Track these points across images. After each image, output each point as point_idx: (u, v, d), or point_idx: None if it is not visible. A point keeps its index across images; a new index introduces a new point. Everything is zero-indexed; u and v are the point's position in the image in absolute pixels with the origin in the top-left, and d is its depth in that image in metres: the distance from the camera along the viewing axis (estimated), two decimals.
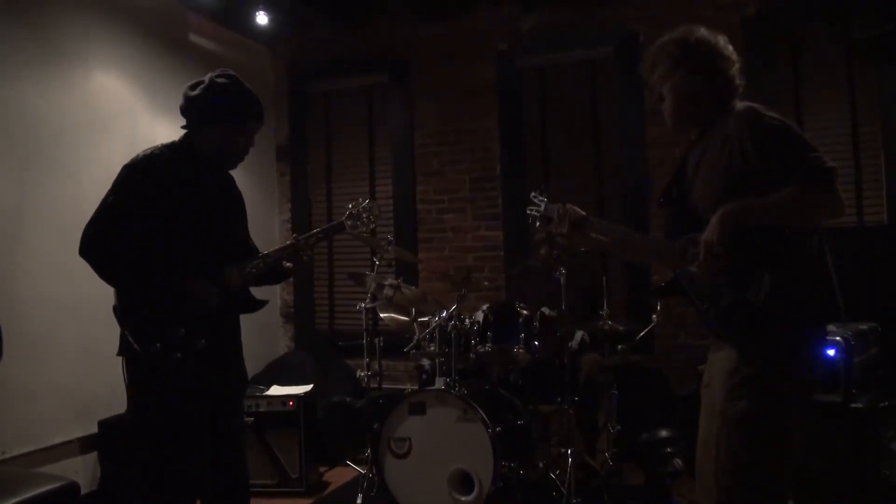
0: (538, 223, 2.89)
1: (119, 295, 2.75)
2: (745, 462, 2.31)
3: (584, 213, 2.76)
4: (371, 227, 3.08)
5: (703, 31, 2.46)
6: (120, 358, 2.76)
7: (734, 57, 2.46)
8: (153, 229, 2.70)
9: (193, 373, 2.73)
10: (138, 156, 2.77)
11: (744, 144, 2.29)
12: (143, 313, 2.71)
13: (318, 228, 3.05)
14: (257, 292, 3.02)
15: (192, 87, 2.82)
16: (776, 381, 2.30)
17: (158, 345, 2.69)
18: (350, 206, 3.08)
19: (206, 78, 2.82)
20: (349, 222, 3.04)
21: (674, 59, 2.46)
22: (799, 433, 2.39)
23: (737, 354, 2.34)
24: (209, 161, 2.87)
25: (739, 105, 2.41)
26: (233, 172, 3.05)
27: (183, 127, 2.87)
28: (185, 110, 2.83)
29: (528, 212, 2.93)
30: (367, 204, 3.07)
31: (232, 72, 2.87)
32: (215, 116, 2.80)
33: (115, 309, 2.76)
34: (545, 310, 4.23)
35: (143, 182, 2.72)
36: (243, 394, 3.15)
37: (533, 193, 2.94)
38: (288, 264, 3.01)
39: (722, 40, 2.46)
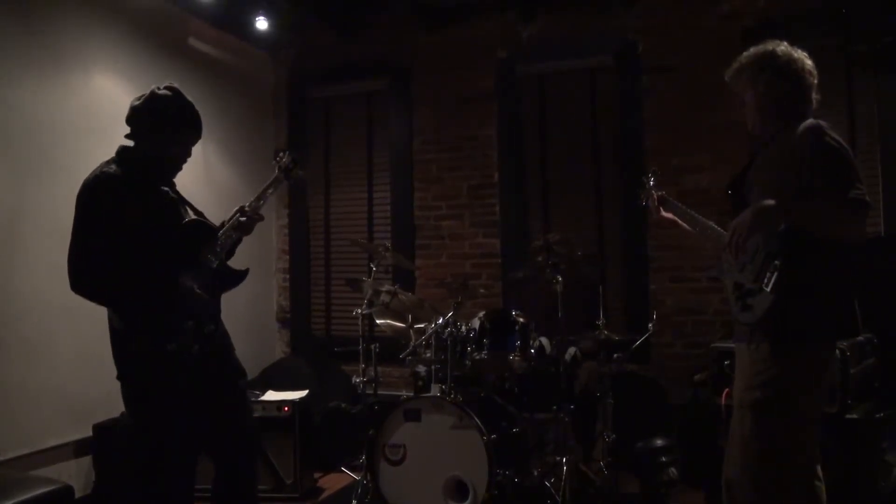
0: (645, 202, 3.35)
1: (119, 314, 2.76)
2: (755, 448, 2.52)
3: (666, 196, 3.22)
4: (300, 173, 3.28)
5: (790, 48, 2.69)
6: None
7: (815, 78, 2.69)
8: (125, 244, 2.73)
9: (208, 362, 2.81)
10: (87, 179, 2.80)
11: (802, 157, 2.48)
12: (149, 322, 2.73)
13: (259, 191, 3.10)
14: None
15: (137, 99, 2.89)
16: (783, 372, 2.49)
17: (173, 345, 2.72)
18: (274, 162, 3.24)
19: (150, 90, 2.89)
20: (281, 175, 3.20)
21: (765, 66, 2.69)
22: (815, 427, 2.57)
23: (753, 345, 2.54)
24: (154, 166, 2.91)
25: (807, 121, 2.59)
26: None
27: (126, 136, 2.90)
28: (128, 119, 2.89)
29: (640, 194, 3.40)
30: (288, 154, 3.25)
31: (175, 85, 2.92)
32: (152, 126, 2.86)
33: (115, 331, 2.77)
34: (543, 339, 4.25)
35: (102, 203, 2.75)
36: (245, 389, 3.16)
37: (644, 178, 3.38)
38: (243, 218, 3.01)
39: (804, 57, 2.69)
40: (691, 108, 5.16)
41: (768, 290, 2.46)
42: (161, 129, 2.86)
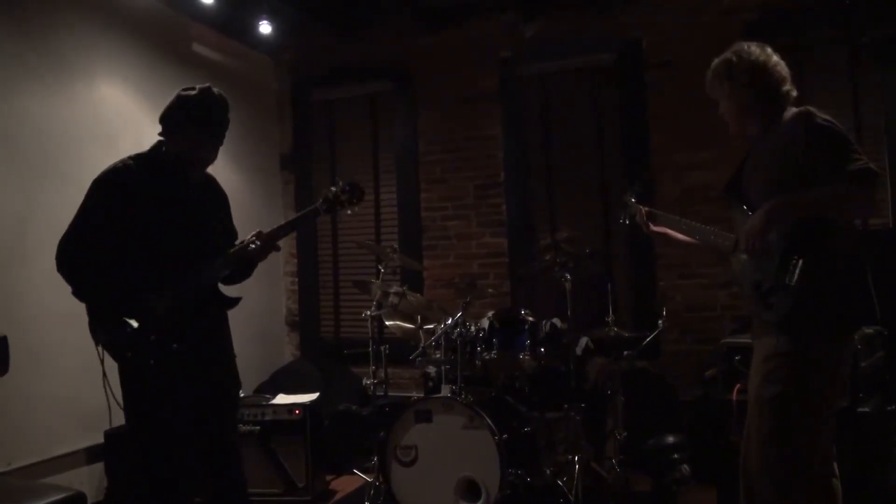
0: (627, 220, 3.32)
1: (89, 311, 2.82)
2: (775, 443, 2.52)
3: (654, 210, 3.16)
4: (355, 208, 3.11)
5: (753, 49, 2.71)
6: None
7: (783, 71, 2.69)
8: (124, 240, 2.77)
9: (171, 377, 2.80)
10: (106, 170, 2.84)
11: (796, 142, 2.52)
12: (113, 325, 2.79)
13: (285, 221, 3.07)
14: (234, 290, 3.07)
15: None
16: (807, 365, 2.50)
17: (129, 354, 2.77)
18: (325, 189, 3.10)
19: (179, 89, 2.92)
20: (324, 207, 3.09)
21: (727, 75, 2.74)
22: (831, 421, 2.59)
23: (774, 340, 2.54)
24: (177, 166, 2.93)
25: (794, 110, 2.64)
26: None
27: (159, 134, 2.94)
28: (160, 118, 2.92)
29: (620, 216, 3.38)
30: (347, 184, 3.08)
31: (208, 86, 2.92)
32: (176, 127, 2.89)
33: (89, 326, 2.84)
34: (556, 321, 4.24)
35: (110, 195, 2.79)
36: (236, 399, 3.18)
37: (625, 196, 3.34)
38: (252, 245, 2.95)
39: (772, 56, 2.70)
40: (695, 105, 5.12)
41: (792, 284, 2.46)
42: (180, 127, 2.88)
